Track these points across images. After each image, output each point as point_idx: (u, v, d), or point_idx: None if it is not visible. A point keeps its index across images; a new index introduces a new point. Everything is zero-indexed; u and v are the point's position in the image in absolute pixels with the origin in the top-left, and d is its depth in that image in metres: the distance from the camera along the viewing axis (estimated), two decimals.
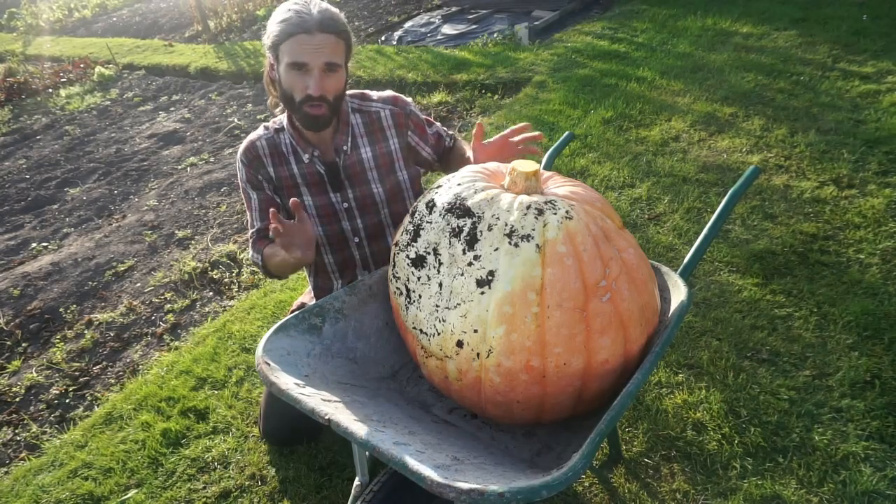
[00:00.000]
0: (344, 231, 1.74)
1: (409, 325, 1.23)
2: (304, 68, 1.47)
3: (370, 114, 1.72)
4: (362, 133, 1.70)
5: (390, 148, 1.73)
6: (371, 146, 1.71)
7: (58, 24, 11.77)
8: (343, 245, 1.77)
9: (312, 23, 1.44)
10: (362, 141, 1.70)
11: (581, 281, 1.07)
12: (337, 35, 1.48)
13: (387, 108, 1.73)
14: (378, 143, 1.72)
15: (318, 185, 1.69)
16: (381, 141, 1.72)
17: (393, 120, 1.73)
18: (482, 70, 4.84)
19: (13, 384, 2.58)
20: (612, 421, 0.99)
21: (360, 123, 1.70)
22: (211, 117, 5.37)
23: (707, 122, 3.51)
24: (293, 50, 1.46)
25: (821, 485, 1.58)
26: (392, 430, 1.08)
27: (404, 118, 1.74)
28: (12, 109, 6.74)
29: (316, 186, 1.70)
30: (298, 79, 1.49)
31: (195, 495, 1.84)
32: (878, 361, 1.88)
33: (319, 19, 1.45)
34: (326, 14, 1.47)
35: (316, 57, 1.46)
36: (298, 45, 1.45)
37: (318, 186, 1.70)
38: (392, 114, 1.73)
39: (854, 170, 2.83)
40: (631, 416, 1.84)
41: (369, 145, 1.71)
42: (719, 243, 2.50)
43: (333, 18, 1.48)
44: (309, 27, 1.44)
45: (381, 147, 1.72)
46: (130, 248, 3.47)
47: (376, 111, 1.72)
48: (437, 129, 1.83)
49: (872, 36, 4.23)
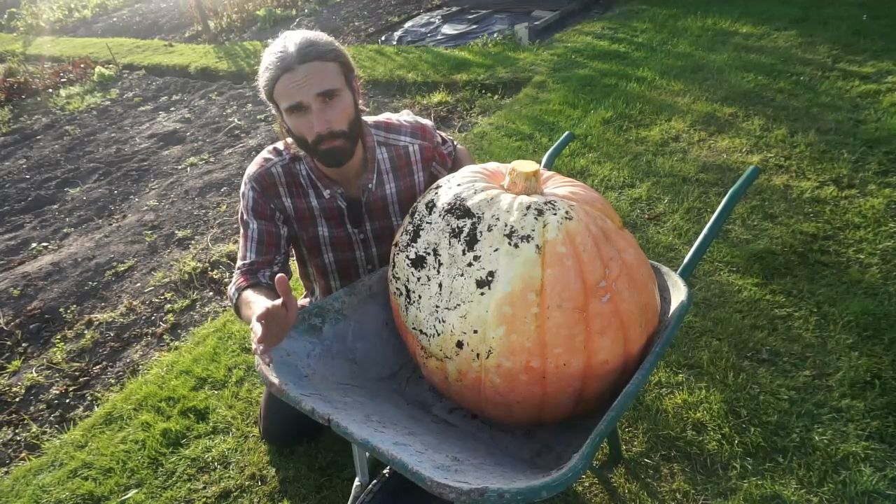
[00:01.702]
0: (356, 259, 1.70)
1: (409, 326, 1.23)
2: (301, 108, 1.39)
3: (398, 148, 1.64)
4: (388, 169, 1.63)
5: (414, 182, 1.67)
6: (396, 182, 1.64)
7: (58, 24, 11.77)
8: (353, 273, 1.73)
9: (291, 59, 1.35)
10: (388, 177, 1.63)
11: (581, 281, 1.07)
12: (321, 59, 1.38)
13: (416, 143, 1.65)
14: (403, 178, 1.65)
15: (337, 218, 1.63)
16: (407, 176, 1.66)
17: (421, 155, 1.66)
18: (482, 70, 4.84)
19: (13, 384, 2.58)
20: (612, 421, 0.99)
21: (387, 159, 1.62)
22: (211, 117, 5.37)
23: (707, 122, 3.51)
24: (283, 94, 1.38)
25: (821, 485, 1.58)
26: (392, 431, 1.09)
27: (432, 151, 1.68)
28: (12, 109, 6.74)
29: (334, 220, 1.63)
30: (302, 121, 1.41)
31: (195, 495, 1.84)
32: (878, 361, 1.88)
33: (297, 52, 1.36)
34: (303, 44, 1.37)
35: (306, 92, 1.37)
36: (286, 87, 1.37)
37: (337, 220, 1.63)
38: (421, 149, 1.66)
39: (854, 170, 2.83)
40: (631, 416, 1.84)
41: (394, 181, 1.64)
42: (719, 243, 2.50)
43: (312, 44, 1.38)
44: (289, 64, 1.35)
45: (405, 182, 1.66)
46: (130, 248, 3.47)
47: (405, 146, 1.64)
48: (448, 143, 1.78)
49: (872, 36, 4.23)
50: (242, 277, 1.52)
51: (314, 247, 1.68)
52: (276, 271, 1.56)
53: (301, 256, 1.78)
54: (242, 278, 1.52)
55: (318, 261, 1.71)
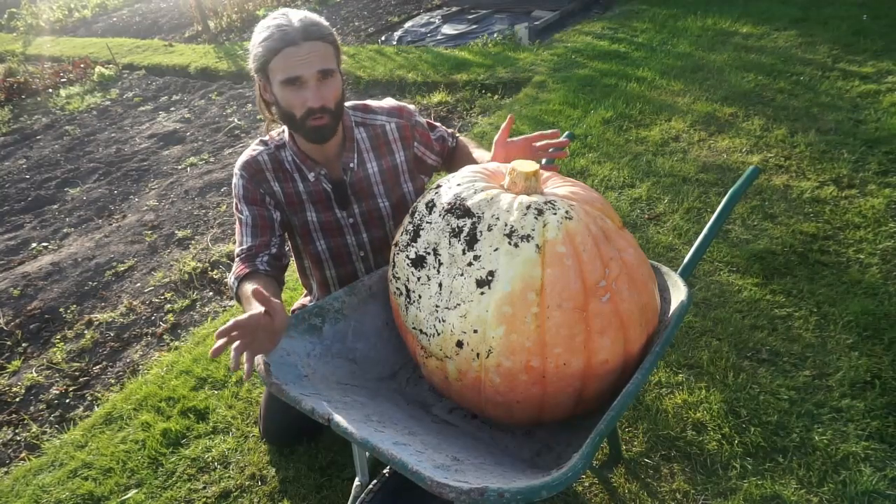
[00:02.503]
0: (348, 245, 1.71)
1: (409, 326, 1.23)
2: (298, 82, 1.41)
3: (375, 127, 1.67)
4: (368, 148, 1.66)
5: (396, 161, 1.69)
6: (377, 160, 1.67)
7: (58, 24, 11.77)
8: (346, 259, 1.73)
9: (297, 34, 1.38)
10: (368, 156, 1.66)
11: (581, 281, 1.07)
12: (323, 40, 1.42)
13: (392, 120, 1.68)
14: (384, 157, 1.68)
15: (324, 202, 1.65)
16: (387, 155, 1.68)
17: (399, 133, 1.69)
18: (482, 70, 4.84)
19: (13, 384, 2.58)
20: (612, 421, 0.99)
21: (366, 138, 1.65)
22: (211, 117, 5.37)
23: (707, 122, 3.51)
24: (283, 66, 1.40)
25: (821, 485, 1.58)
26: (392, 431, 1.09)
27: (410, 130, 1.70)
28: (12, 109, 6.74)
29: (321, 203, 1.65)
30: (295, 94, 1.43)
31: (195, 495, 1.84)
32: (878, 361, 1.88)
33: (302, 28, 1.39)
34: (308, 21, 1.41)
35: (308, 67, 1.40)
36: (287, 60, 1.39)
37: (324, 203, 1.65)
38: (398, 126, 1.68)
39: (854, 170, 2.83)
40: (631, 416, 1.84)
41: (375, 160, 1.66)
42: (719, 243, 2.50)
43: (316, 24, 1.42)
44: (294, 39, 1.38)
45: (386, 161, 1.68)
46: (130, 248, 3.47)
47: (381, 125, 1.67)
48: (441, 131, 1.79)
49: (872, 36, 4.23)
50: (242, 265, 1.53)
51: (306, 233, 1.69)
52: (273, 253, 1.57)
53: (297, 248, 1.79)
54: (242, 266, 1.52)
55: (311, 248, 1.71)
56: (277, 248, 1.60)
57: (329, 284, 1.78)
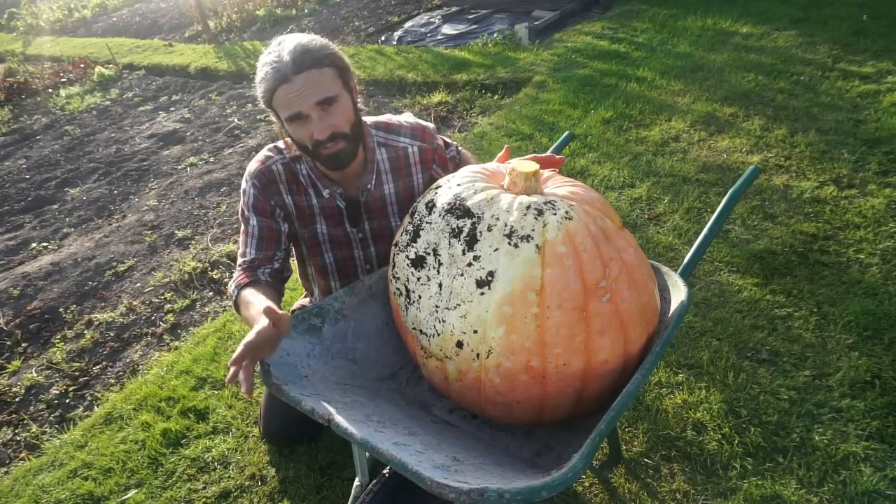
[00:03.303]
0: (355, 259, 1.71)
1: (409, 326, 1.23)
2: (300, 117, 1.40)
3: (397, 149, 1.64)
4: (387, 169, 1.63)
5: (413, 183, 1.68)
6: (394, 182, 1.65)
7: (58, 25, 11.77)
8: (352, 272, 1.73)
9: (287, 69, 1.35)
10: (386, 178, 1.64)
11: (581, 281, 1.07)
12: (317, 67, 1.37)
13: (416, 144, 1.66)
14: (402, 178, 1.66)
15: (336, 217, 1.64)
16: (406, 177, 1.66)
17: (420, 156, 1.66)
18: (482, 70, 4.84)
19: (13, 384, 2.58)
20: (612, 421, 0.99)
21: (386, 159, 1.63)
22: (211, 117, 5.37)
23: (707, 122, 3.51)
24: (282, 104, 1.39)
25: (821, 485, 1.58)
26: (392, 431, 1.09)
27: (431, 153, 1.68)
28: (12, 109, 6.74)
29: (333, 219, 1.64)
30: (301, 129, 1.42)
31: (195, 495, 1.84)
32: (878, 361, 1.88)
33: (292, 61, 1.35)
34: (298, 51, 1.36)
35: (304, 102, 1.37)
36: (284, 98, 1.37)
37: (335, 219, 1.64)
38: (420, 150, 1.66)
39: (854, 170, 2.83)
40: (631, 416, 1.84)
41: (393, 182, 1.65)
42: (719, 243, 2.50)
43: (307, 52, 1.37)
44: (286, 75, 1.35)
45: (404, 183, 1.66)
46: (130, 248, 3.47)
47: (404, 147, 1.65)
48: (452, 150, 1.78)
49: (872, 36, 4.23)
50: (243, 274, 1.52)
51: (314, 245, 1.68)
52: (276, 267, 1.57)
53: (301, 256, 1.78)
54: (243, 275, 1.52)
55: (318, 260, 1.71)
56: (281, 262, 1.59)
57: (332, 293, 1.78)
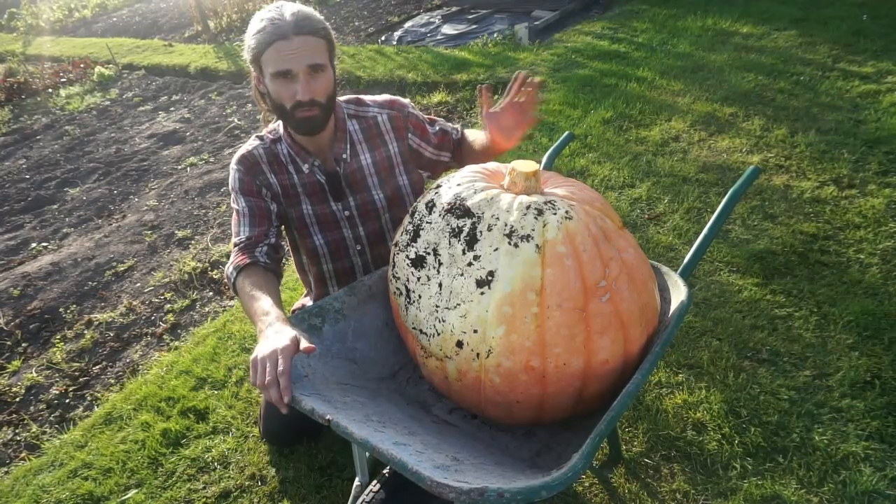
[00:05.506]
0: (345, 239, 1.72)
1: (409, 326, 1.23)
2: (288, 75, 1.44)
3: (367, 119, 1.69)
4: (360, 139, 1.68)
5: (390, 153, 1.71)
6: (370, 152, 1.69)
7: (58, 25, 11.77)
8: (343, 253, 1.74)
9: (288, 28, 1.41)
10: (361, 147, 1.68)
11: (581, 281, 1.07)
12: (315, 35, 1.44)
13: (384, 112, 1.71)
14: (377, 148, 1.69)
15: (319, 194, 1.67)
16: (381, 146, 1.70)
17: (391, 124, 1.71)
18: (482, 70, 4.84)
19: (13, 384, 2.58)
20: (612, 421, 0.99)
21: (358, 129, 1.68)
22: (211, 117, 5.37)
23: (707, 122, 3.50)
24: (274, 59, 1.43)
25: (821, 485, 1.58)
26: (392, 431, 1.09)
27: (403, 121, 1.72)
28: (12, 109, 6.74)
29: (316, 196, 1.67)
30: (285, 87, 1.46)
31: (195, 495, 1.84)
32: (878, 361, 1.88)
33: (294, 22, 1.41)
34: (300, 15, 1.43)
35: (298, 61, 1.42)
36: (278, 53, 1.42)
37: (319, 195, 1.67)
38: (390, 118, 1.71)
39: (854, 170, 2.83)
40: (631, 416, 1.84)
41: (368, 151, 1.69)
42: (719, 243, 2.50)
43: (308, 18, 1.45)
44: (285, 32, 1.40)
45: (380, 152, 1.70)
46: (130, 248, 3.47)
47: (373, 116, 1.70)
48: (441, 125, 1.79)
49: (872, 36, 4.23)
50: (241, 255, 1.53)
51: (303, 227, 1.70)
52: (272, 243, 1.59)
53: (294, 242, 1.80)
54: (241, 256, 1.53)
55: (308, 243, 1.72)
56: (275, 238, 1.62)
57: (326, 279, 1.79)
